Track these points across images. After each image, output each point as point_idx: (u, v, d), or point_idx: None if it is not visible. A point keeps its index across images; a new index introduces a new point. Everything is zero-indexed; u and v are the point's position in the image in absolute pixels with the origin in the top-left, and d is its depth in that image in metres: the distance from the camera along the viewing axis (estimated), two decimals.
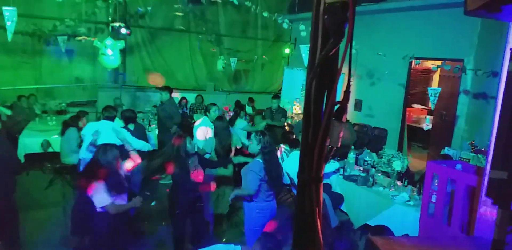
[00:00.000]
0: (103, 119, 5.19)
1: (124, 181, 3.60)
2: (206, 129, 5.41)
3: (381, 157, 5.13)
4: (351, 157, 5.71)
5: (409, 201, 4.45)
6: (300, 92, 9.57)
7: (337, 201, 5.17)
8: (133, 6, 9.82)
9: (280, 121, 7.50)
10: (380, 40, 8.01)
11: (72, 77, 10.04)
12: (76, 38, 8.01)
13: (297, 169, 1.00)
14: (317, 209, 0.97)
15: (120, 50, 7.44)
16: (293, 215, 1.04)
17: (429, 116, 8.88)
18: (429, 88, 5.95)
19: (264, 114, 7.96)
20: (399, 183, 4.91)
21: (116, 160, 3.50)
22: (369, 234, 2.71)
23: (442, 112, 7.70)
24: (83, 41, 7.92)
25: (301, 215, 1.00)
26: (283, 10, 10.90)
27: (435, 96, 5.76)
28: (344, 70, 0.91)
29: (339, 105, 0.93)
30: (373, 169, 5.27)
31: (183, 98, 9.18)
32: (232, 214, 5.26)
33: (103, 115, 5.26)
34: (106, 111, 5.21)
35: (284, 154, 5.73)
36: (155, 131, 7.14)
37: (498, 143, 1.71)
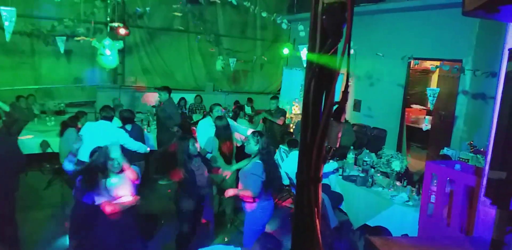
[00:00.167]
0: (101, 119, 5.18)
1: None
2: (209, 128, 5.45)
3: (380, 157, 5.14)
4: (350, 157, 5.71)
5: (408, 201, 4.46)
6: (299, 92, 9.56)
7: (336, 201, 5.17)
8: (131, 6, 9.77)
9: (278, 118, 7.46)
10: (378, 41, 8.01)
11: (71, 77, 10.02)
12: (75, 38, 7.98)
13: (296, 169, 1.00)
14: (316, 209, 0.97)
15: (118, 51, 7.42)
16: (292, 215, 1.04)
17: (428, 116, 8.87)
18: (428, 89, 5.95)
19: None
20: (398, 183, 4.92)
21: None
22: (367, 235, 2.71)
23: (441, 113, 7.70)
24: (82, 41, 7.89)
25: (300, 215, 1.00)
26: (282, 11, 10.87)
27: (434, 97, 5.76)
28: (343, 70, 0.91)
29: (337, 105, 0.93)
30: (372, 169, 5.27)
31: (182, 98, 9.17)
32: (232, 214, 5.26)
33: (100, 115, 5.26)
34: (104, 111, 5.20)
35: (283, 154, 5.73)
36: (154, 132, 7.13)
37: (497, 143, 1.71)
